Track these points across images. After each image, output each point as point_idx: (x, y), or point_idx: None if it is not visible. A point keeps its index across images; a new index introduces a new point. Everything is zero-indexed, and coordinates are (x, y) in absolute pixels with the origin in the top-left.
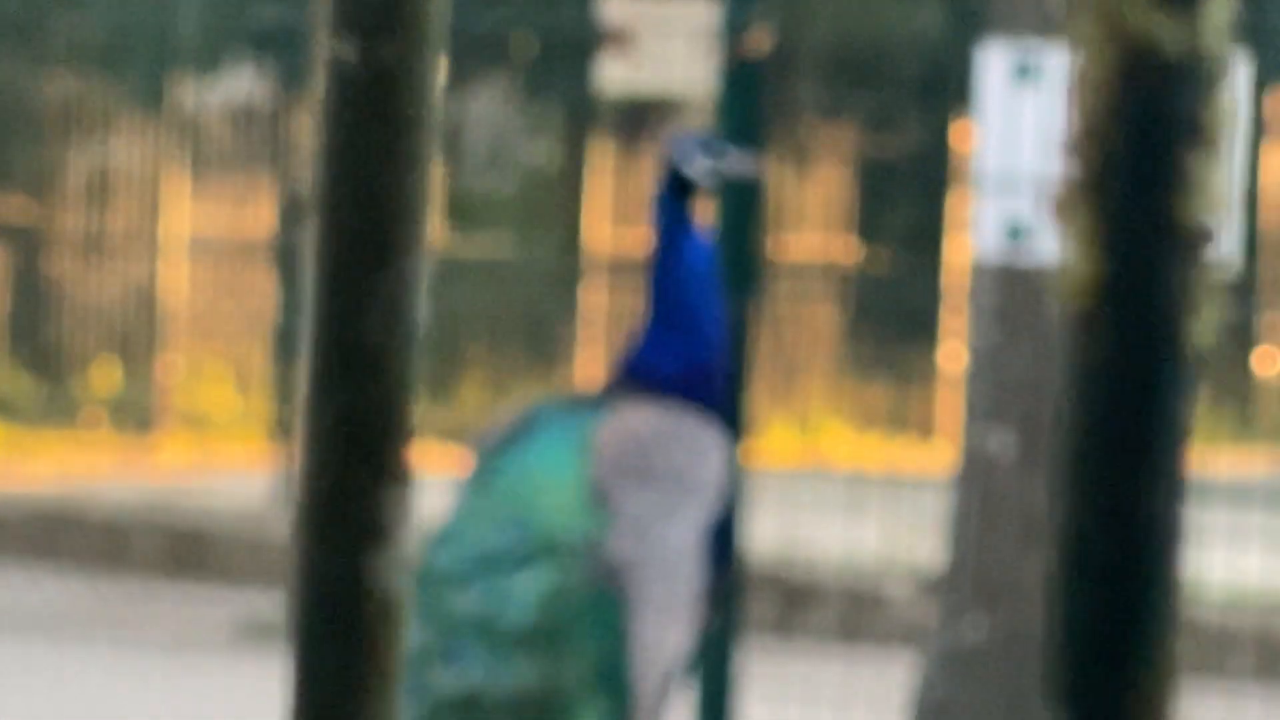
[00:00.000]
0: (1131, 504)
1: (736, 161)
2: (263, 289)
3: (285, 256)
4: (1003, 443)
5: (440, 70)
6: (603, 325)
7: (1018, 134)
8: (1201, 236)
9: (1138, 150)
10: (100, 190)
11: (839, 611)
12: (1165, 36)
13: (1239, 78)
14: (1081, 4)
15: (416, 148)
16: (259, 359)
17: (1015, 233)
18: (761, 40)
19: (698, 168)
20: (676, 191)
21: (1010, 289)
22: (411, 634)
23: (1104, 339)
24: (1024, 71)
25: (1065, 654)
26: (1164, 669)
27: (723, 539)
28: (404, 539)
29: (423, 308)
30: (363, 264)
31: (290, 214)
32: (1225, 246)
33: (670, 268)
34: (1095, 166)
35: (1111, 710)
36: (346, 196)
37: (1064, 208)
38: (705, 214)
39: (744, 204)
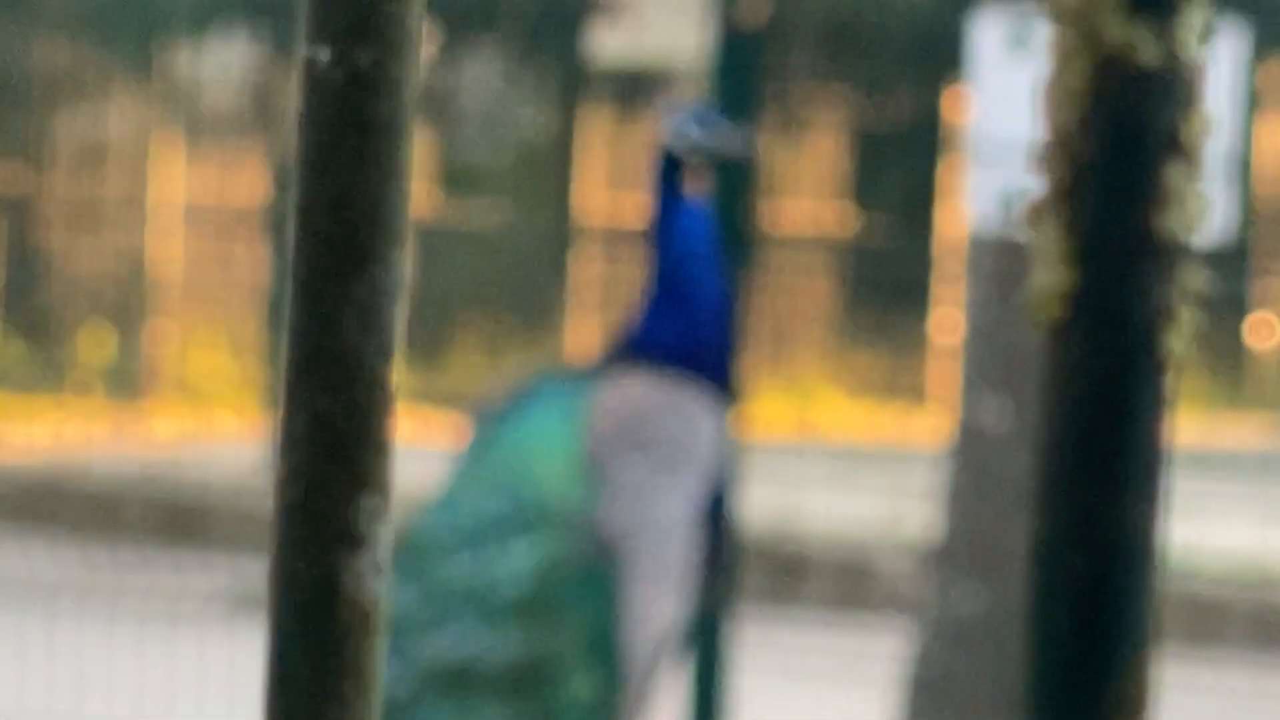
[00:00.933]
0: (1107, 518)
1: (728, 137)
2: (255, 257)
3: (277, 224)
4: (998, 413)
5: (416, 77)
6: (595, 293)
7: (1012, 103)
8: (1178, 250)
9: (1111, 161)
10: (92, 158)
11: (833, 582)
12: (1141, 46)
13: (1233, 49)
14: (1055, 12)
15: (393, 154)
16: (251, 327)
17: (1008, 202)
18: (756, 8)
19: (690, 142)
20: (672, 163)
21: (1007, 259)
22: (403, 602)
23: (1077, 353)
24: (1018, 40)
25: (1040, 665)
26: (1140, 682)
27: (717, 511)
28: (381, 546)
29: (400, 315)
30: (338, 270)
31: (282, 182)
32: (1221, 218)
33: (666, 240)
34: (1067, 177)
35: None
36: (322, 202)
37: (1035, 219)
38: (701, 184)
39: (738, 173)
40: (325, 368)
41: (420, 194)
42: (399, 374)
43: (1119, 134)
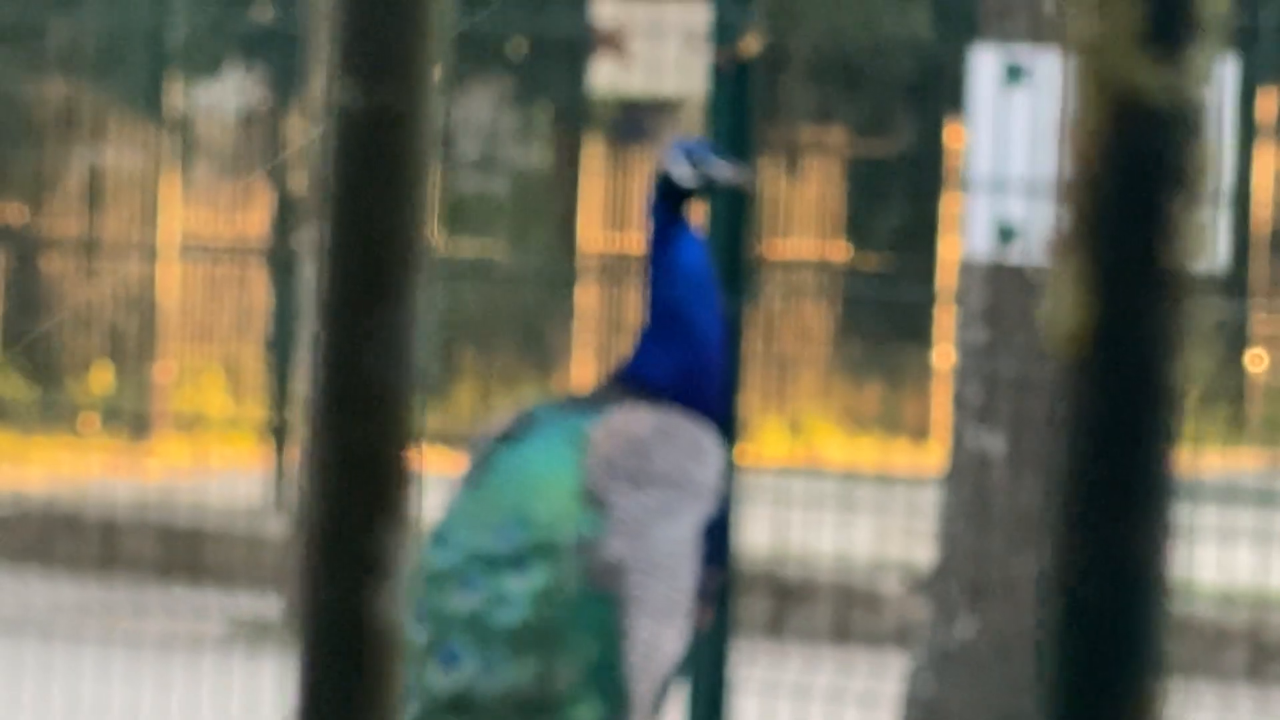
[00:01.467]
0: (1120, 547)
1: (718, 170)
2: (256, 292)
3: (278, 260)
4: (992, 442)
5: (440, 114)
6: (596, 327)
7: (1008, 136)
8: (1190, 282)
9: (1128, 197)
10: (95, 194)
11: (831, 610)
12: (1153, 85)
13: (1226, 81)
14: (1071, 52)
15: (417, 190)
16: (252, 361)
17: (1005, 233)
18: (753, 42)
19: (683, 173)
20: (669, 195)
21: (999, 288)
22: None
23: (1095, 384)
24: (1014, 74)
25: (1058, 691)
26: (1152, 708)
27: (717, 539)
28: (404, 575)
29: (421, 347)
30: (364, 303)
31: (283, 218)
32: (1216, 248)
33: (663, 272)
34: (1088, 214)
35: None
36: (348, 236)
37: (1058, 254)
38: (699, 216)
39: (736, 206)
40: (351, 398)
41: None
42: (421, 405)
43: (1132, 170)
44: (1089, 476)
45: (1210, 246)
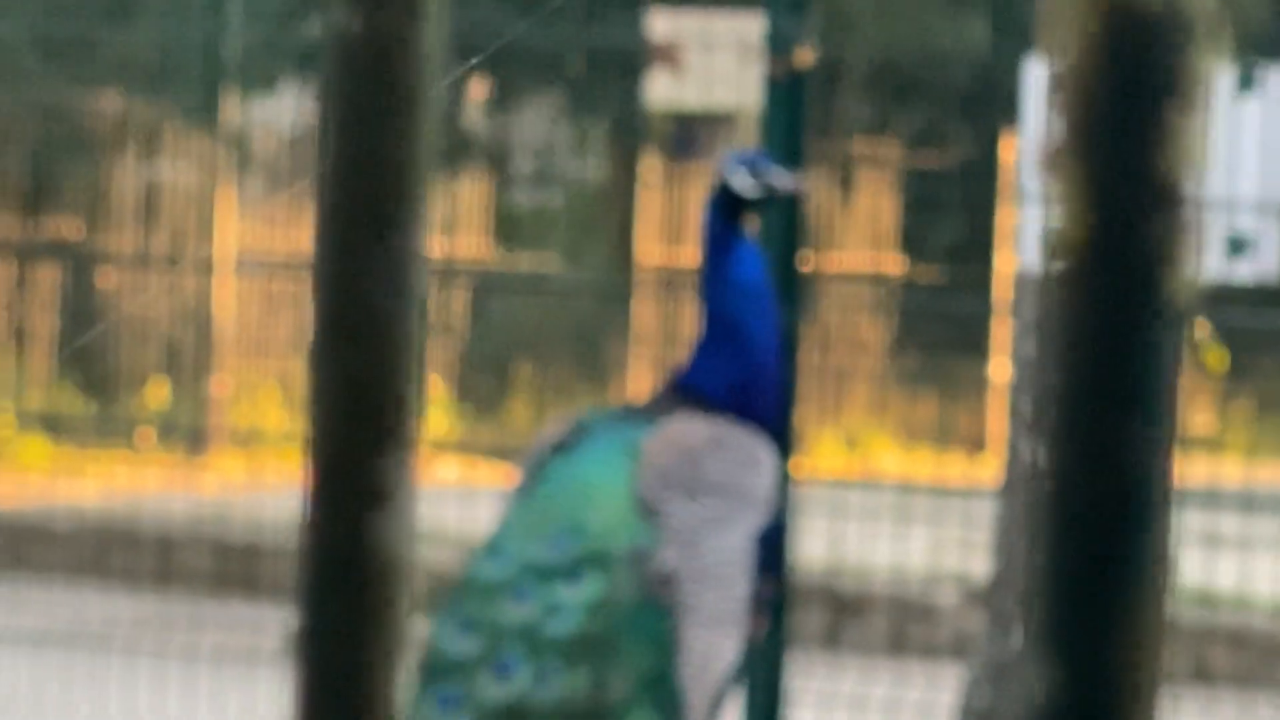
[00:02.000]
0: (1115, 457)
1: (779, 179)
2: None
3: None
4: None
5: (441, 42)
6: (653, 341)
7: None
8: (1181, 190)
9: (1121, 106)
10: (150, 209)
11: (887, 622)
12: None
13: (1273, 90)
14: None
15: (416, 118)
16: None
17: None
18: (807, 54)
19: (744, 183)
20: (726, 206)
21: None
22: (459, 644)
23: (1087, 293)
24: None
25: (1047, 610)
26: (1151, 624)
27: (771, 550)
28: (407, 502)
29: (423, 275)
30: (364, 232)
31: None
32: (1266, 256)
33: (719, 282)
34: (1080, 124)
35: (1098, 664)
36: (347, 166)
37: (1051, 165)
38: (753, 228)
39: (791, 219)
40: (352, 326)
41: (478, 243)
42: (423, 337)
43: (1126, 79)
44: (1080, 386)
45: (1206, 160)
